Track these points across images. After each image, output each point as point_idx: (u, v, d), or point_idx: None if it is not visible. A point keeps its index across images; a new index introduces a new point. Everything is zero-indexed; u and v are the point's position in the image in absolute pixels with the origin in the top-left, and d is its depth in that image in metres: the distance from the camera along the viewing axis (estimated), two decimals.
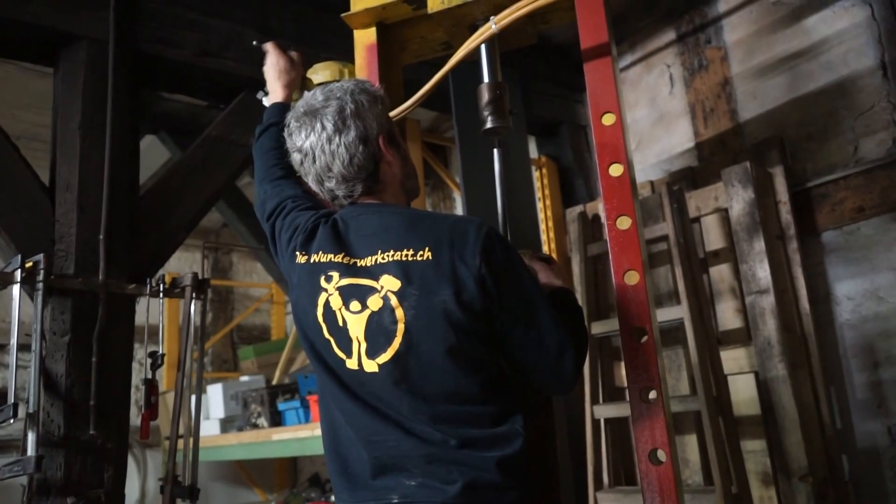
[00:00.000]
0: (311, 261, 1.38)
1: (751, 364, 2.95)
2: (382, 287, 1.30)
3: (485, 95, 1.87)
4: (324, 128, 1.38)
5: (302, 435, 4.29)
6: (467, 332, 1.28)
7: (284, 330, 6.82)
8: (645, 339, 1.58)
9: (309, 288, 1.37)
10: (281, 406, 4.61)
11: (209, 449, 4.76)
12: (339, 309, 1.33)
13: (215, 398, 5.13)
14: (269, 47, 1.91)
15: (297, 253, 1.42)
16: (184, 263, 6.41)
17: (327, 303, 1.34)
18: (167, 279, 2.70)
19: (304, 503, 5.20)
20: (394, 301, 1.28)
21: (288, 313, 6.92)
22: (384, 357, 1.29)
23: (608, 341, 3.25)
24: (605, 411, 3.00)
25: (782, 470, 2.79)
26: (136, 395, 2.83)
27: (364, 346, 1.30)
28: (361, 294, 1.31)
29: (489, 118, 1.85)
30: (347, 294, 1.32)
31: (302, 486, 5.93)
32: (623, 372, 3.27)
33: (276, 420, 4.62)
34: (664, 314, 2.80)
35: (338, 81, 1.48)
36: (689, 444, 3.03)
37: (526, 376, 1.41)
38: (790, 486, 2.75)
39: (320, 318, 1.35)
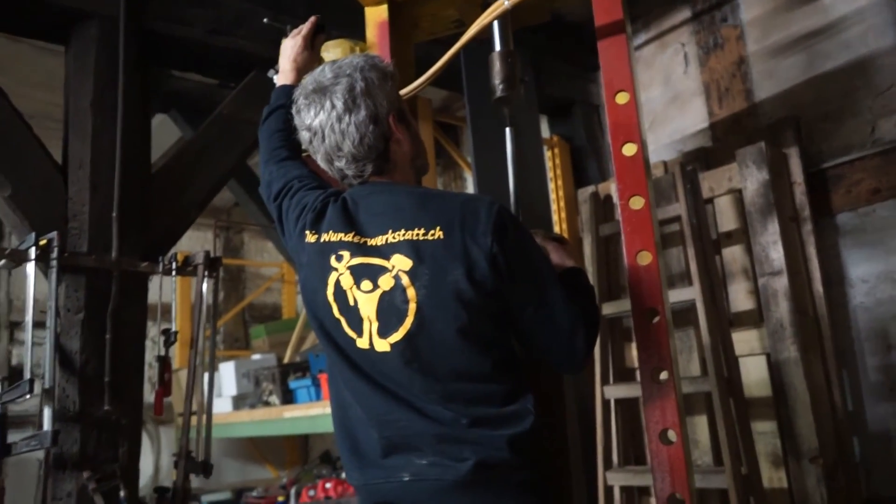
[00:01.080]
0: (322, 240, 1.38)
1: (762, 346, 2.94)
2: (394, 266, 1.29)
3: (496, 64, 1.84)
4: (333, 106, 1.36)
5: (313, 413, 4.33)
6: (479, 312, 1.28)
7: (295, 309, 6.86)
8: (657, 319, 1.57)
9: (319, 267, 1.37)
10: (292, 384, 4.66)
11: (221, 426, 4.82)
12: (350, 288, 1.32)
13: (227, 376, 5.19)
14: (305, 29, 1.83)
15: (307, 232, 1.41)
16: (195, 242, 6.44)
17: (338, 282, 1.34)
18: (179, 258, 2.72)
19: (315, 480, 5.26)
20: (405, 280, 1.28)
21: (299, 292, 6.95)
22: (396, 336, 1.28)
23: (619, 322, 3.25)
24: (615, 392, 3.00)
25: (792, 451, 2.79)
26: (150, 372, 2.86)
27: (375, 325, 1.30)
28: (373, 273, 1.31)
29: (500, 87, 1.83)
30: (358, 273, 1.32)
31: (313, 463, 5.99)
32: (633, 353, 3.27)
33: (288, 398, 4.67)
34: (676, 295, 2.79)
35: (346, 58, 1.46)
36: (700, 426, 3.04)
37: (538, 355, 1.41)
38: (800, 468, 2.75)
39: (330, 298, 1.35)
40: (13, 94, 2.54)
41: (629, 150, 1.64)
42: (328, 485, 4.72)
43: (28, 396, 2.28)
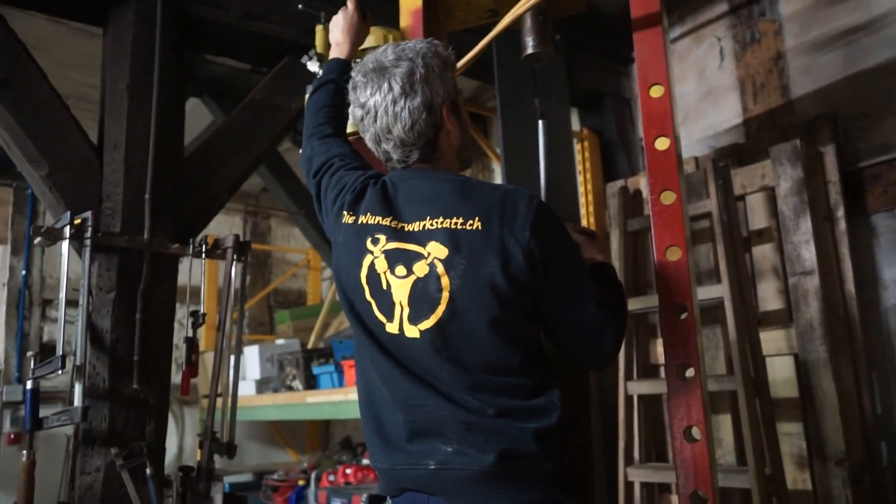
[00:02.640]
0: (359, 222, 1.38)
1: (790, 346, 2.90)
2: (429, 254, 1.29)
3: (527, 22, 1.81)
4: (391, 89, 1.36)
5: (335, 399, 4.36)
6: (511, 305, 1.28)
7: (320, 295, 6.91)
8: (685, 316, 1.56)
9: (354, 249, 1.38)
10: (316, 370, 4.69)
11: (245, 409, 4.86)
12: (384, 272, 1.33)
13: (252, 360, 5.24)
14: (350, 4, 1.87)
15: (344, 212, 1.42)
16: (223, 226, 6.49)
17: (372, 265, 1.35)
18: (209, 241, 2.75)
19: (335, 465, 5.30)
20: (440, 269, 1.28)
21: (324, 279, 7.00)
22: (426, 324, 1.29)
23: (644, 318, 3.23)
24: (638, 388, 2.99)
25: (818, 453, 2.75)
26: (176, 353, 2.90)
27: (407, 311, 1.31)
28: (408, 259, 1.31)
29: (531, 43, 1.80)
30: (393, 258, 1.33)
31: (334, 448, 6.04)
32: (658, 349, 3.25)
33: (311, 383, 4.70)
34: (704, 292, 2.76)
35: (409, 41, 1.46)
36: (724, 424, 3.01)
37: (565, 351, 1.41)
38: (825, 470, 2.71)
39: (363, 280, 1.36)
40: (50, 74, 2.58)
41: (662, 144, 1.63)
42: (348, 470, 4.75)
43: (59, 372, 2.34)
